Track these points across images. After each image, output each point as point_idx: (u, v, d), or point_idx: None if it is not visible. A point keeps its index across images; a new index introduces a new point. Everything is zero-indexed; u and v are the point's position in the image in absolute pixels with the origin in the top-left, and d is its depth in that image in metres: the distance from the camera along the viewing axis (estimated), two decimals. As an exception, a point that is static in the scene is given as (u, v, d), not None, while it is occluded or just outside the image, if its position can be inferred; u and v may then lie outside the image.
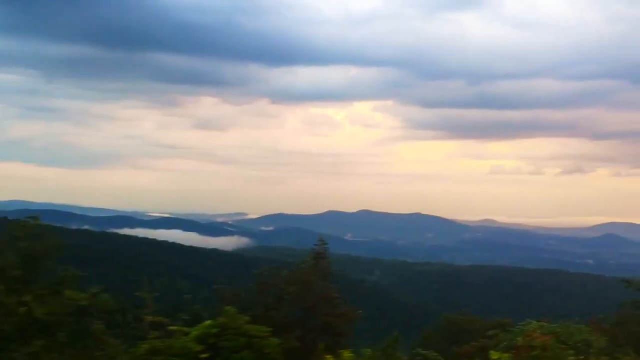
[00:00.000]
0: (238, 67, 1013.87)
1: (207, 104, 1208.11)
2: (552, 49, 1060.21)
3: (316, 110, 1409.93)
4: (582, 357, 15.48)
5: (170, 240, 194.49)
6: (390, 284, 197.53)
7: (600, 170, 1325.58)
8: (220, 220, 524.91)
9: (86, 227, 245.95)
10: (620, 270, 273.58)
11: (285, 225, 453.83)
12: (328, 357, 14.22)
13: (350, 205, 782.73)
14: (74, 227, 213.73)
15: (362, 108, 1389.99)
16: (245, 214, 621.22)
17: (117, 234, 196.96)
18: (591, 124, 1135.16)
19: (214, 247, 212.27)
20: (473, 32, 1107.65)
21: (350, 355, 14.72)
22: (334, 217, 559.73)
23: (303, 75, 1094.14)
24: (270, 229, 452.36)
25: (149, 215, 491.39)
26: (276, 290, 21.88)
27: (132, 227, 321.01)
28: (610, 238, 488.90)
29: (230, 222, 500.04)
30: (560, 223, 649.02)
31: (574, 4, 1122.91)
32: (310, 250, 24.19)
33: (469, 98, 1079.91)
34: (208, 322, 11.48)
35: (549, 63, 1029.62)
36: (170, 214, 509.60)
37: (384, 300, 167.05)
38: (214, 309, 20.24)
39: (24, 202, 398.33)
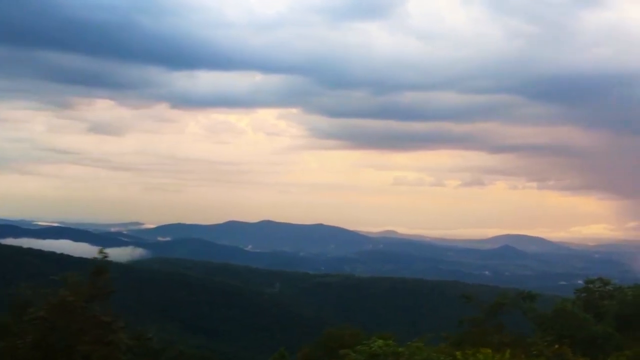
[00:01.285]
0: (136, 69, 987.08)
1: (103, 107, 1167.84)
2: (454, 62, 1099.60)
3: (218, 116, 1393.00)
4: None
5: (59, 251, 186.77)
6: (291, 296, 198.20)
7: (499, 183, 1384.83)
8: (114, 229, 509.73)
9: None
10: (514, 281, 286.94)
11: (183, 235, 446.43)
12: None
13: (251, 215, 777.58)
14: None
15: (266, 115, 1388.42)
16: (141, 223, 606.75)
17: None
18: (490, 137, 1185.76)
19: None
20: (378, 42, 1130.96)
21: None
22: (234, 227, 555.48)
23: (205, 80, 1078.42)
24: (168, 239, 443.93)
25: (36, 224, 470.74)
26: (28, 314, 18.48)
27: (17, 236, 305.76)
28: (505, 249, 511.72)
29: (124, 232, 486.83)
30: (460, 234, 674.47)
31: (476, 19, 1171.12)
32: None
33: (374, 108, 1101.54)
34: None
35: (450, 76, 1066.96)
36: (59, 222, 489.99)
37: (283, 313, 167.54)
38: None
39: None
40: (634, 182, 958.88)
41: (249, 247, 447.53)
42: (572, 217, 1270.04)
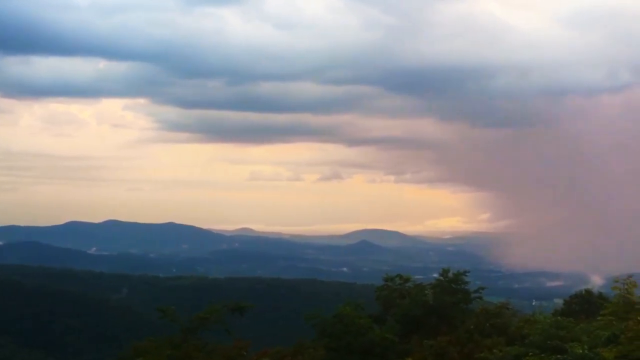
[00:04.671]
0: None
1: None
2: (312, 52, 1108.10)
3: (57, 107, 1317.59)
4: None
5: None
6: (140, 301, 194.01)
7: (357, 177, 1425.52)
8: None
9: None
10: (372, 277, 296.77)
11: (17, 238, 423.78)
12: None
13: (94, 214, 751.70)
14: None
15: (111, 106, 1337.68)
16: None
17: None
18: (347, 130, 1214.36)
19: None
20: (233, 29, 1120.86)
21: None
22: (75, 229, 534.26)
23: (42, 66, 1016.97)
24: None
25: None
26: None
27: None
28: (363, 245, 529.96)
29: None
30: (318, 231, 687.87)
31: (333, 8, 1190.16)
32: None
33: (229, 99, 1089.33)
34: None
35: (308, 66, 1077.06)
36: None
37: (131, 320, 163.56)
38: None
39: None
40: (486, 175, 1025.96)
41: (93, 250, 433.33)
42: (428, 211, 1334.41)
